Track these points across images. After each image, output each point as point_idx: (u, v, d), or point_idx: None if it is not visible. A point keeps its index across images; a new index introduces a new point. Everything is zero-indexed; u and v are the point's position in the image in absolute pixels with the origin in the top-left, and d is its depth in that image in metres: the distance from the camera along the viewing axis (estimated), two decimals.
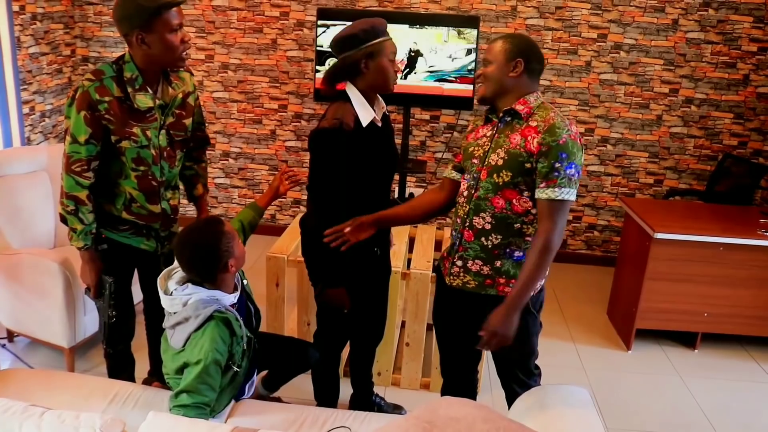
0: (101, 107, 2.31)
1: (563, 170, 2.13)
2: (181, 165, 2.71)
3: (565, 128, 2.14)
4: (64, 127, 2.40)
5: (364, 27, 2.40)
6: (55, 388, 2.41)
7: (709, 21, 4.80)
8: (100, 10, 5.22)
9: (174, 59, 2.36)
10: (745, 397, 3.66)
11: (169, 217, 2.65)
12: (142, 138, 2.41)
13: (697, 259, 3.84)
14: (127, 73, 2.35)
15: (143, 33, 2.26)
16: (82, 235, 2.45)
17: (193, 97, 2.62)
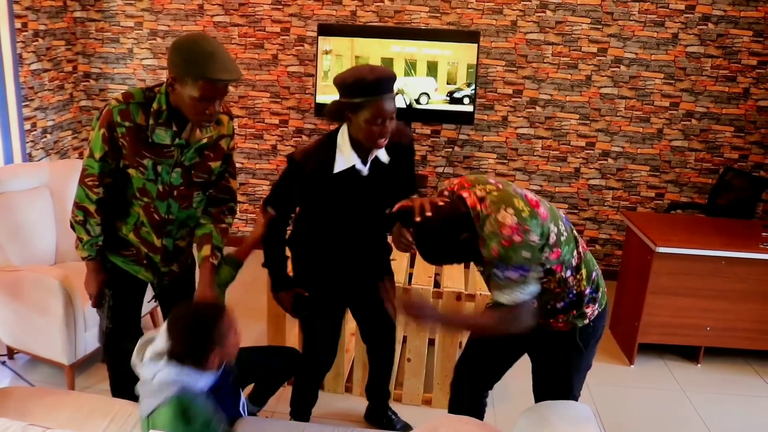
0: (119, 130, 2.26)
1: (503, 276, 2.05)
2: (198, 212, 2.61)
3: (493, 237, 2.03)
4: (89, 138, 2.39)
5: (360, 78, 2.28)
6: (54, 407, 2.40)
7: (709, 35, 4.81)
8: (101, 26, 5.25)
9: (193, 121, 2.27)
10: (749, 411, 3.63)
11: (170, 255, 2.55)
12: (150, 171, 2.33)
13: (699, 273, 3.83)
14: (155, 105, 2.26)
15: (175, 81, 2.17)
16: (87, 245, 2.45)
17: (227, 141, 2.48)
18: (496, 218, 2.04)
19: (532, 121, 5.11)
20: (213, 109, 2.21)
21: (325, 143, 2.47)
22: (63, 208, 3.84)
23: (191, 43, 2.14)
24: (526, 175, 5.22)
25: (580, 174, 5.19)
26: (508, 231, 2.01)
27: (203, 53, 2.11)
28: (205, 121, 2.25)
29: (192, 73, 2.11)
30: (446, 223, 2.07)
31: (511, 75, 5.02)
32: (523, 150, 5.17)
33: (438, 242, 2.08)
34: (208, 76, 2.11)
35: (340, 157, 2.43)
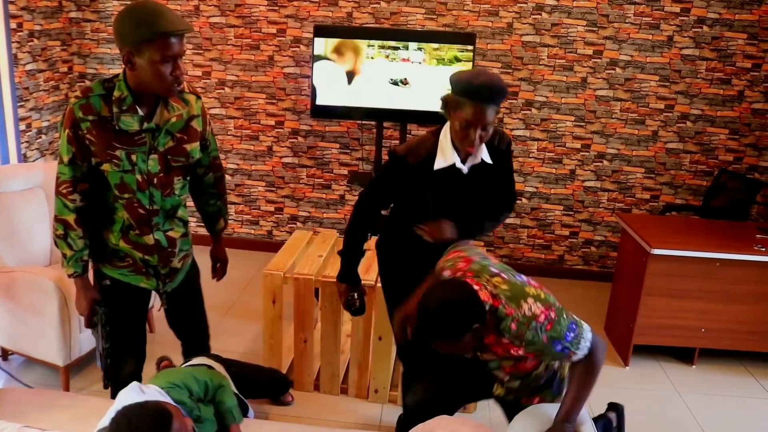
0: (83, 126, 2.17)
1: (563, 343, 2.07)
2: (204, 201, 2.65)
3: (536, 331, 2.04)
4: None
5: (469, 80, 2.31)
6: (50, 408, 2.39)
7: (704, 38, 4.83)
8: (97, 27, 5.24)
9: (162, 89, 2.17)
10: (743, 412, 3.65)
11: (166, 251, 2.44)
12: (125, 162, 2.23)
13: (694, 275, 3.84)
14: (116, 92, 2.18)
15: (132, 55, 2.09)
16: (72, 261, 2.32)
17: (198, 121, 2.39)
18: (525, 315, 2.05)
19: (528, 123, 5.12)
20: (179, 69, 2.14)
21: (428, 139, 2.52)
22: None
23: (135, 8, 2.08)
24: (521, 177, 5.22)
25: (575, 176, 5.20)
26: (542, 317, 2.05)
27: (150, 12, 2.07)
28: (174, 84, 2.16)
29: (147, 34, 2.04)
30: (461, 305, 2.01)
31: (506, 77, 5.03)
32: (519, 152, 5.18)
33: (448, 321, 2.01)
34: (164, 30, 2.05)
35: (441, 155, 2.48)
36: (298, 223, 5.51)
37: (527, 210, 5.30)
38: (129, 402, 2.02)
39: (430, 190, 2.54)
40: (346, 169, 5.33)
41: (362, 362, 3.45)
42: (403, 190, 2.57)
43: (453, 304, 2.00)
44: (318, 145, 5.29)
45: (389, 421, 3.34)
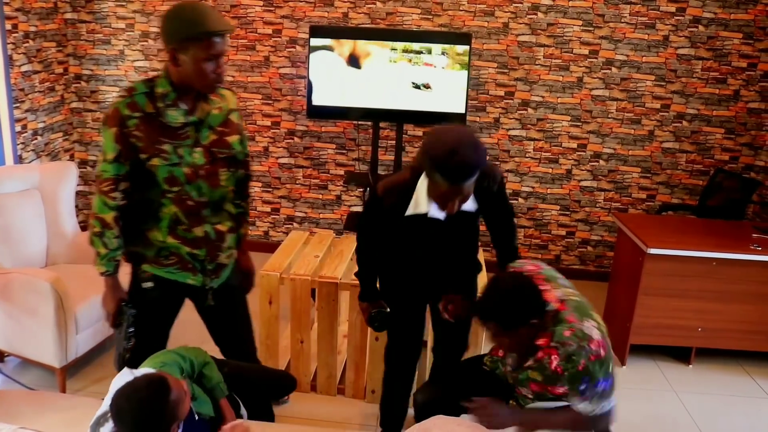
0: (130, 123, 2.24)
1: (592, 388, 2.07)
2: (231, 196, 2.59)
3: (582, 353, 2.03)
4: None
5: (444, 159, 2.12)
6: (45, 410, 2.39)
7: (699, 37, 4.84)
8: (92, 28, 5.23)
9: (203, 86, 2.26)
10: (740, 411, 3.65)
11: (214, 244, 2.45)
12: (173, 156, 2.29)
13: (691, 274, 3.84)
14: (159, 89, 2.26)
15: (176, 51, 2.19)
16: (105, 260, 2.37)
17: (236, 115, 2.48)
18: (582, 330, 2.04)
19: (524, 123, 5.12)
20: (221, 67, 2.24)
21: (406, 180, 2.44)
22: (53, 211, 3.83)
23: (182, 8, 2.18)
24: (518, 177, 5.23)
25: (571, 175, 5.20)
26: (595, 345, 2.03)
27: (197, 12, 2.16)
28: (215, 82, 2.26)
29: (192, 33, 2.14)
30: (526, 296, 2.04)
31: (502, 77, 5.03)
32: (515, 152, 5.18)
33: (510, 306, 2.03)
34: (208, 30, 2.14)
35: (414, 203, 2.43)
36: (295, 223, 5.51)
37: (524, 210, 5.30)
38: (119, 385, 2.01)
39: (405, 233, 2.53)
40: (343, 169, 5.32)
41: (359, 363, 3.45)
42: (381, 227, 2.58)
43: (518, 293, 2.03)
44: (314, 146, 5.29)
45: None
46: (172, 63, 2.21)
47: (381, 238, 2.63)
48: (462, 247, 2.66)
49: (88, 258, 3.83)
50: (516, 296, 2.03)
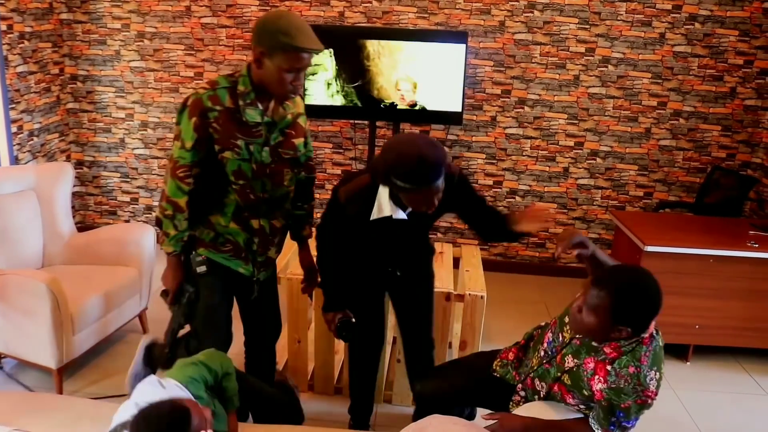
0: (211, 115, 2.36)
1: (619, 424, 2.09)
2: (292, 203, 2.72)
3: (632, 395, 2.02)
4: (173, 133, 2.47)
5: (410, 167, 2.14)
6: (42, 411, 2.38)
7: (696, 35, 4.84)
8: (88, 28, 5.22)
9: (278, 93, 2.36)
10: (738, 408, 3.65)
11: (267, 237, 2.61)
12: (244, 151, 2.42)
13: (688, 272, 3.84)
14: (240, 87, 2.38)
15: (264, 55, 2.28)
16: (173, 240, 2.51)
17: (303, 119, 2.61)
18: (645, 377, 2.02)
19: (521, 121, 5.12)
20: (298, 80, 2.33)
21: (370, 185, 2.45)
22: (50, 212, 3.82)
23: (280, 17, 2.26)
24: (515, 175, 5.23)
25: (568, 173, 5.20)
26: (650, 394, 2.03)
27: (293, 26, 2.24)
28: (291, 93, 2.36)
29: (283, 43, 2.22)
30: (655, 305, 2.01)
31: (499, 75, 5.03)
32: (512, 150, 5.18)
33: (642, 298, 2.00)
34: (299, 46, 2.23)
35: (377, 208, 2.46)
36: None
37: (521, 208, 5.30)
38: (147, 396, 2.04)
39: (367, 235, 2.57)
40: (340, 168, 5.32)
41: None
42: (343, 232, 2.61)
43: (655, 296, 2.00)
44: None
45: (383, 421, 3.33)
46: (256, 65, 2.32)
47: (343, 244, 2.65)
48: (419, 237, 2.72)
49: (84, 259, 3.84)
50: (651, 304, 2.00)
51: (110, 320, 3.61)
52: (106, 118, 5.43)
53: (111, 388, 3.46)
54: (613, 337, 2.05)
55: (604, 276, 2.01)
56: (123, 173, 5.55)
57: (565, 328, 2.28)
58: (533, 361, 2.40)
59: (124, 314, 3.74)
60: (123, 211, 5.65)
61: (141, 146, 5.47)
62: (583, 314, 2.04)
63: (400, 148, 2.20)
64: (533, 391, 2.38)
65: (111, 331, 3.65)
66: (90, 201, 5.66)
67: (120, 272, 3.73)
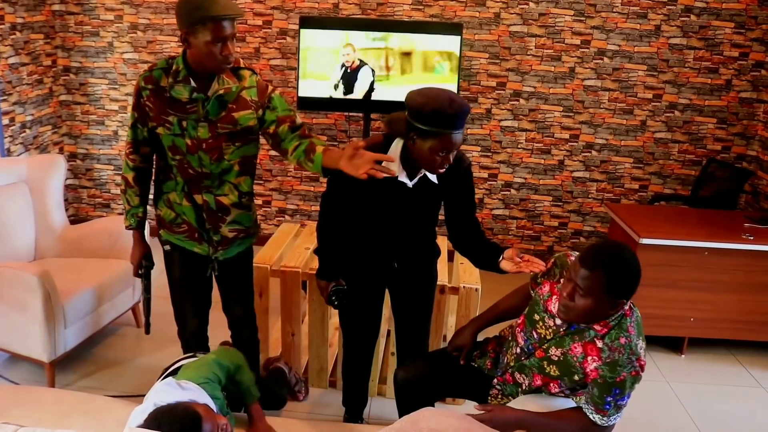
0: (144, 93, 2.49)
1: (615, 403, 2.09)
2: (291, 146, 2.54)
3: (628, 365, 2.05)
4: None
5: (438, 110, 2.20)
6: (33, 404, 2.36)
7: (691, 27, 4.82)
8: (81, 19, 5.18)
9: (212, 66, 2.40)
10: (733, 401, 3.66)
11: (216, 214, 2.65)
12: (176, 127, 2.50)
13: (683, 264, 3.84)
14: (173, 66, 2.47)
15: (188, 35, 2.35)
16: (128, 215, 2.72)
17: (251, 92, 2.55)
18: (636, 345, 2.07)
19: (516, 114, 5.10)
20: (228, 49, 2.36)
21: (382, 145, 2.44)
22: (42, 204, 3.80)
23: None
24: (510, 168, 5.21)
25: (564, 166, 5.19)
26: (642, 363, 2.07)
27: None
28: (224, 63, 2.39)
29: (199, 17, 2.28)
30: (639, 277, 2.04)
31: (494, 67, 5.01)
32: (507, 142, 5.17)
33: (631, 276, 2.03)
34: (215, 14, 2.27)
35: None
36: (286, 216, 5.48)
37: (516, 201, 5.29)
38: (164, 397, 2.07)
39: (374, 200, 2.52)
40: None
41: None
42: (347, 198, 2.55)
43: (639, 271, 2.04)
44: None
45: (377, 414, 3.33)
46: (185, 45, 2.39)
47: (345, 209, 2.58)
48: (422, 224, 2.66)
49: (77, 251, 3.82)
50: (638, 272, 2.04)
51: (103, 313, 3.59)
52: (99, 110, 5.39)
53: (104, 381, 3.45)
54: (610, 313, 2.07)
55: (588, 258, 2.03)
56: (116, 166, 5.52)
57: (538, 325, 2.28)
58: (508, 357, 2.42)
59: (117, 307, 3.72)
60: (116, 203, 5.62)
61: None
62: (577, 300, 2.04)
63: (431, 92, 2.27)
64: (514, 385, 2.39)
65: (104, 324, 3.63)
66: (83, 194, 5.63)
67: (113, 265, 3.71)
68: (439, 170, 2.35)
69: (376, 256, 2.69)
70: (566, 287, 2.08)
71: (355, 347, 2.97)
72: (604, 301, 2.03)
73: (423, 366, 2.61)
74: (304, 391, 3.41)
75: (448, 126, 2.23)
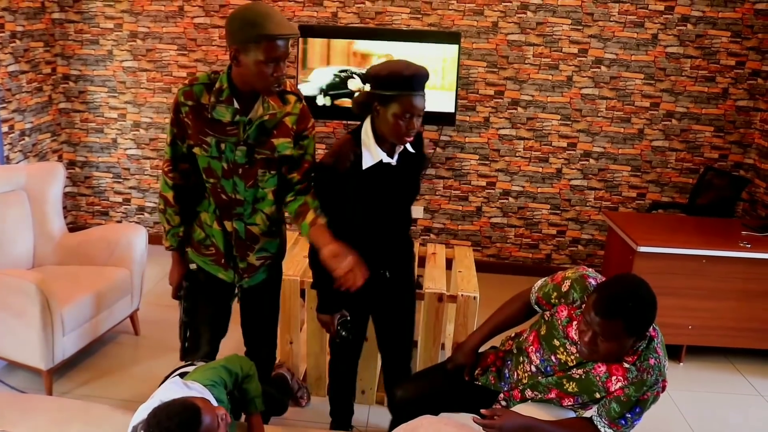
0: (183, 110, 2.35)
1: (632, 421, 2.10)
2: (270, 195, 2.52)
3: (654, 386, 2.06)
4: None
5: (395, 72, 2.29)
6: (30, 412, 2.36)
7: (688, 36, 4.84)
8: (80, 28, 5.19)
9: (261, 87, 2.28)
10: (731, 409, 3.65)
11: (244, 243, 2.53)
12: (213, 149, 2.37)
13: (681, 272, 3.84)
14: (217, 84, 2.34)
15: (239, 52, 2.22)
16: (169, 235, 2.56)
17: (292, 119, 2.42)
18: (664, 366, 2.10)
19: (514, 122, 5.11)
20: (280, 70, 2.25)
21: (350, 142, 2.46)
22: (40, 211, 3.80)
23: (246, 10, 2.21)
24: (508, 176, 5.22)
25: (561, 174, 5.20)
26: (665, 384, 2.10)
27: (260, 14, 2.18)
28: (274, 84, 2.28)
29: (254, 35, 2.16)
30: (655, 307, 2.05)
31: (492, 76, 5.03)
32: (505, 151, 5.18)
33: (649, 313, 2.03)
34: (270, 33, 2.16)
35: (367, 153, 2.43)
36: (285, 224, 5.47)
37: (514, 209, 5.30)
38: (171, 394, 2.06)
39: (365, 190, 2.48)
40: None
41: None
42: (339, 199, 2.49)
43: (654, 302, 2.03)
44: None
45: (376, 423, 3.32)
46: (234, 63, 2.26)
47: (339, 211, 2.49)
48: (410, 202, 2.69)
49: (75, 259, 3.82)
50: (653, 305, 2.02)
51: (101, 321, 3.58)
52: (99, 118, 5.40)
53: (102, 389, 3.44)
54: (634, 347, 2.07)
55: (603, 307, 1.99)
56: (115, 174, 5.53)
57: (558, 351, 2.23)
58: (519, 373, 2.38)
59: (116, 315, 3.72)
60: (115, 211, 5.62)
61: (133, 146, 5.45)
62: (600, 345, 2.01)
63: (389, 60, 2.43)
64: (522, 401, 2.36)
65: (102, 332, 3.62)
66: (82, 201, 5.63)
67: (111, 273, 3.70)
68: (405, 138, 2.37)
69: (369, 264, 2.62)
70: (585, 333, 2.04)
71: (343, 360, 2.92)
72: (628, 341, 2.02)
73: (422, 384, 2.58)
74: (306, 397, 3.41)
75: (407, 87, 2.28)
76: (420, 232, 5.39)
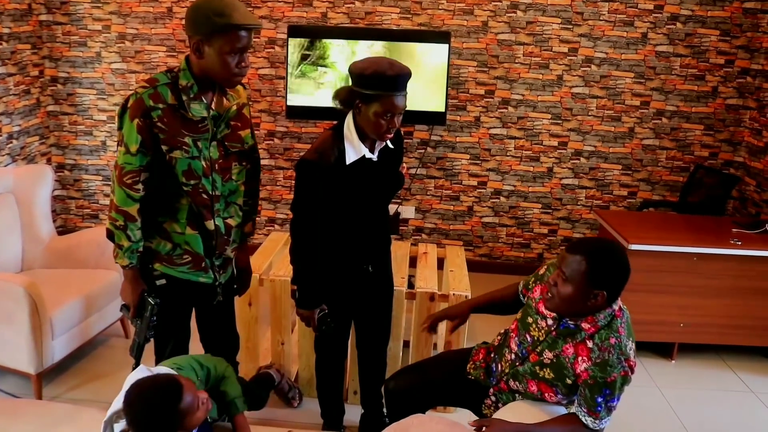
0: (154, 114, 2.22)
1: (605, 404, 2.11)
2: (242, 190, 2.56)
3: (618, 366, 2.06)
4: (117, 138, 2.33)
5: (379, 72, 2.30)
6: (19, 417, 2.33)
7: (678, 34, 4.86)
8: (68, 30, 5.16)
9: (224, 79, 2.25)
10: (723, 406, 3.66)
11: (224, 238, 2.48)
12: (193, 149, 2.30)
13: (672, 270, 3.85)
14: (182, 81, 2.26)
15: (202, 43, 2.18)
16: (128, 252, 2.34)
17: (247, 109, 2.52)
18: (626, 346, 2.10)
19: (505, 122, 5.11)
20: (244, 62, 2.23)
21: (333, 138, 2.48)
22: (29, 215, 3.77)
23: (210, 0, 2.16)
24: (499, 176, 5.22)
25: (553, 173, 5.20)
26: (632, 364, 2.09)
27: (225, 4, 2.15)
28: (238, 76, 2.25)
29: (221, 24, 2.13)
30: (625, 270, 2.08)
31: (482, 75, 5.03)
32: (496, 150, 5.18)
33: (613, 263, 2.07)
34: (237, 23, 2.13)
35: (350, 148, 2.45)
36: (276, 225, 5.47)
37: (505, 208, 5.30)
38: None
39: (349, 185, 2.49)
40: None
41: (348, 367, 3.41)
42: (323, 195, 2.49)
43: (625, 263, 2.08)
44: (294, 147, 5.25)
45: None
46: (196, 55, 2.21)
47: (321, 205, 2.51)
48: (390, 196, 2.74)
49: (64, 262, 3.79)
50: (622, 266, 2.07)
51: (91, 324, 3.56)
52: (87, 120, 5.37)
53: (92, 393, 3.42)
54: (589, 305, 2.08)
55: (576, 245, 2.09)
56: (105, 176, 5.49)
57: (531, 327, 2.29)
58: (502, 365, 2.42)
59: (106, 318, 3.70)
60: (104, 214, 5.59)
61: None
62: (559, 286, 2.09)
63: (372, 58, 2.41)
64: (510, 393, 2.38)
65: (92, 335, 3.60)
66: (71, 204, 5.60)
67: (101, 276, 3.68)
68: (386, 135, 2.41)
69: (351, 260, 2.66)
70: (553, 276, 2.14)
71: (329, 360, 2.93)
72: (584, 289, 2.05)
73: (415, 376, 2.59)
74: (298, 398, 3.40)
75: (390, 88, 2.30)
76: (411, 231, 5.39)
